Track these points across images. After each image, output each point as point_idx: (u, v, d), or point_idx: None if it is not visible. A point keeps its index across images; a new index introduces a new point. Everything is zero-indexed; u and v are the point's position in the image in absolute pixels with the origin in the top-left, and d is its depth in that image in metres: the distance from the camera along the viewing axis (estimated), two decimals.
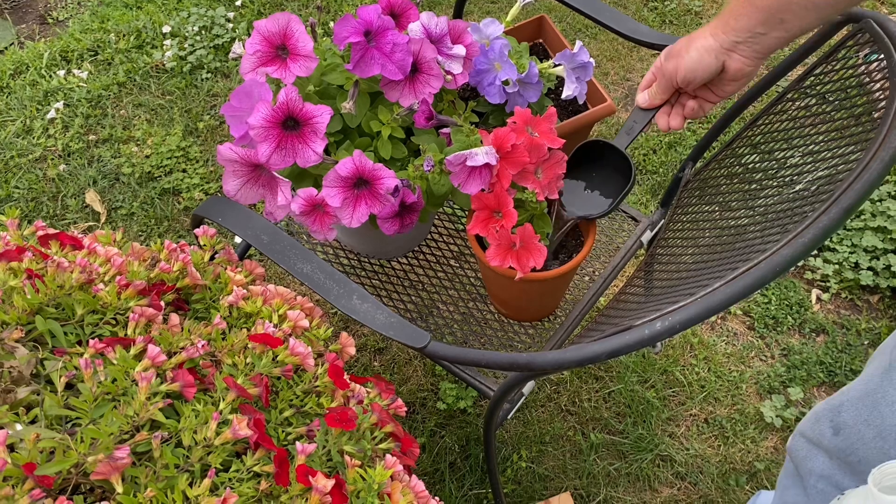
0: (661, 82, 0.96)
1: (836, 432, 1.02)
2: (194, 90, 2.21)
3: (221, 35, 2.32)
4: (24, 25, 2.51)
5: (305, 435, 0.77)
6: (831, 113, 0.98)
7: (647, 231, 1.33)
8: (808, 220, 0.67)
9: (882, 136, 0.71)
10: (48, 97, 2.19)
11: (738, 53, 0.87)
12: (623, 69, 2.25)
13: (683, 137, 2.06)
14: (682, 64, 0.90)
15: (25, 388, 0.68)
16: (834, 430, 1.02)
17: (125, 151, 2.06)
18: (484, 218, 0.98)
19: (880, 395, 0.98)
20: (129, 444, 0.64)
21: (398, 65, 1.00)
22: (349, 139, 1.07)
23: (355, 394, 0.85)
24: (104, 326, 0.78)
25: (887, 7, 2.41)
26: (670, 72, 0.93)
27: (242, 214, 0.97)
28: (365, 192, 0.98)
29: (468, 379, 1.15)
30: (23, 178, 2.00)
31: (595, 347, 0.67)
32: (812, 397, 1.60)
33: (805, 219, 0.68)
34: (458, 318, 1.26)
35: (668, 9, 2.39)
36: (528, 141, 0.96)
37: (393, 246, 1.28)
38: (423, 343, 0.84)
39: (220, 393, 0.74)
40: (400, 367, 1.66)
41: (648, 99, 1.00)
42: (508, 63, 1.06)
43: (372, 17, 0.99)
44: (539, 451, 1.53)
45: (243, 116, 0.97)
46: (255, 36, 0.99)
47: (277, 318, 0.89)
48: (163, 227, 1.91)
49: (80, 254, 0.85)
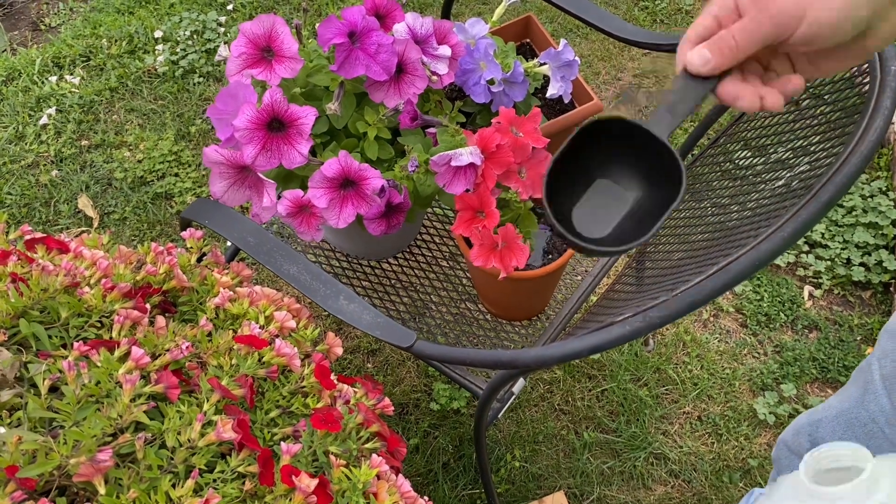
0: (743, 32, 0.56)
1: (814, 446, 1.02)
2: (186, 94, 2.21)
3: (213, 39, 2.33)
4: (17, 32, 2.51)
5: (291, 435, 0.77)
6: (821, 107, 0.98)
7: None
8: (787, 215, 0.68)
9: (860, 129, 0.72)
10: (40, 103, 2.19)
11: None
12: (614, 69, 2.26)
13: (675, 136, 2.07)
14: (811, 14, 0.53)
15: (9, 391, 0.68)
16: (812, 445, 1.02)
17: (117, 156, 2.06)
18: (467, 218, 0.99)
19: (854, 416, 0.99)
20: (113, 446, 0.64)
21: (383, 65, 1.00)
22: (336, 140, 1.07)
23: (342, 394, 0.85)
24: (89, 329, 0.78)
25: None
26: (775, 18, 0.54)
27: (229, 217, 0.98)
28: (351, 192, 0.99)
29: (458, 379, 1.16)
30: (15, 184, 2.00)
31: (576, 344, 0.67)
32: (805, 394, 1.60)
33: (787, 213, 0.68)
34: (451, 319, 1.26)
35: (658, 7, 2.39)
36: (512, 141, 0.97)
37: (382, 246, 1.29)
38: (409, 342, 0.85)
39: (204, 394, 0.74)
40: (393, 369, 1.66)
41: (712, 58, 0.57)
42: (493, 62, 1.07)
43: (356, 18, 0.99)
44: (532, 451, 1.53)
45: (229, 119, 0.98)
46: (240, 38, 0.99)
47: (264, 319, 0.89)
48: (155, 231, 1.91)
49: (66, 257, 0.86)
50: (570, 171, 0.63)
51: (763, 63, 0.60)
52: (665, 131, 0.60)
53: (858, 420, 0.98)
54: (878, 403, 0.98)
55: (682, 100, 0.60)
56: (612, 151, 0.63)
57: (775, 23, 0.54)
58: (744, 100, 0.58)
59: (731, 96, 0.58)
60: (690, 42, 0.59)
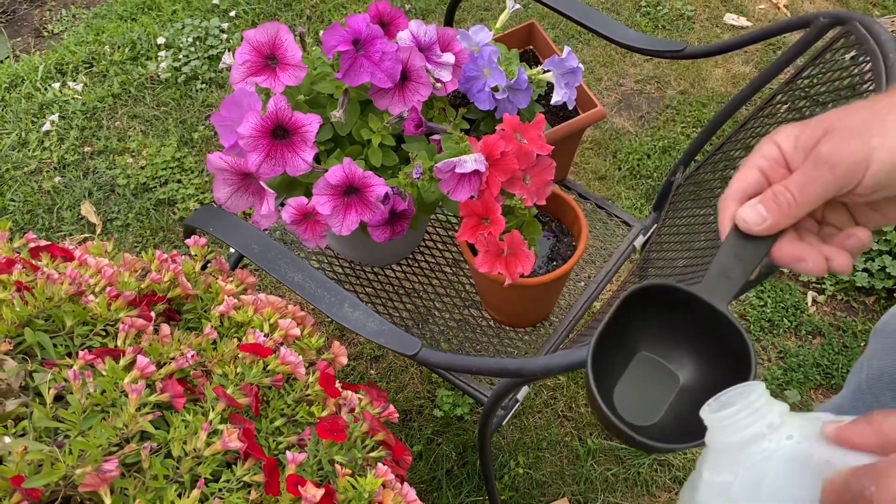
0: (800, 187, 0.50)
1: None
2: (189, 101, 2.21)
3: (216, 46, 2.33)
4: (20, 38, 2.51)
5: (296, 444, 0.77)
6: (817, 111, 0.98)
7: (640, 236, 1.34)
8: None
9: None
10: (43, 110, 2.20)
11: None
12: (616, 74, 2.26)
13: (677, 142, 2.07)
14: (877, 156, 0.47)
15: (14, 400, 0.68)
16: None
17: (120, 163, 2.06)
18: (472, 225, 0.99)
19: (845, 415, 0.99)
20: (118, 456, 0.64)
21: (387, 73, 1.00)
22: (340, 147, 1.07)
23: (347, 402, 0.84)
24: (94, 338, 0.78)
25: (879, 9, 2.42)
26: (836, 169, 0.48)
27: (233, 224, 0.98)
28: (355, 199, 0.99)
29: (462, 386, 1.15)
30: (18, 191, 2.01)
31: (582, 352, 0.67)
32: (809, 400, 1.59)
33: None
34: (454, 325, 1.26)
35: (660, 14, 2.40)
36: (516, 148, 0.96)
37: (386, 253, 1.29)
38: (415, 350, 0.84)
39: (210, 403, 0.74)
40: (396, 375, 1.65)
41: (770, 216, 0.51)
42: (497, 70, 1.07)
43: (360, 25, 0.99)
44: (536, 458, 1.53)
45: (233, 126, 0.98)
46: (244, 46, 0.99)
47: (269, 327, 0.89)
48: (158, 237, 1.91)
49: (71, 265, 0.85)
50: (612, 341, 0.54)
51: (817, 217, 0.53)
52: (723, 300, 0.52)
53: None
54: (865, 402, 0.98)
55: (736, 263, 0.52)
56: (660, 319, 0.55)
57: (837, 174, 0.48)
58: (807, 262, 0.51)
59: (791, 258, 0.51)
60: (735, 198, 0.52)
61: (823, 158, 0.48)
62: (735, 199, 0.52)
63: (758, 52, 2.32)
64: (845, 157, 0.47)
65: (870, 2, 2.44)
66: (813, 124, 0.50)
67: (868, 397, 0.99)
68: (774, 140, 0.52)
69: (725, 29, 2.38)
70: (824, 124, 0.49)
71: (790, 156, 0.51)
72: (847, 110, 0.50)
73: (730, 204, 0.53)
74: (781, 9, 2.43)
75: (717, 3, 2.46)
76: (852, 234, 0.52)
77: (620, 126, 2.13)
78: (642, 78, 2.25)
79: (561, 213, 1.17)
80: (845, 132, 0.48)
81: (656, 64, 2.28)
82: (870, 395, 0.99)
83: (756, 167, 0.52)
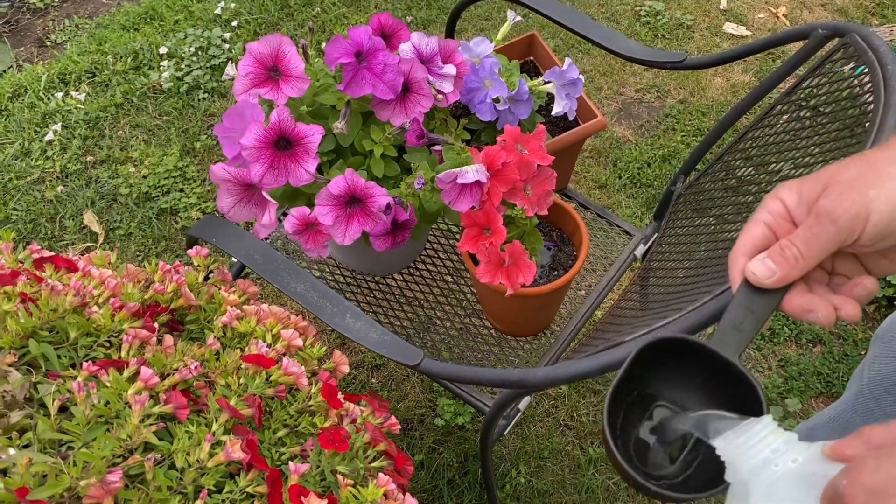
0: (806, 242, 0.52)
1: None
2: (191, 110, 2.22)
3: (218, 55, 2.34)
4: (23, 48, 2.53)
5: (299, 455, 0.77)
6: (826, 125, 0.98)
7: (641, 245, 1.34)
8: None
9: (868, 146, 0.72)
10: (46, 119, 2.21)
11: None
12: (616, 83, 2.27)
13: (678, 150, 2.07)
14: (875, 207, 0.49)
15: (19, 412, 0.68)
16: None
17: (123, 172, 2.07)
18: (474, 235, 0.99)
19: (846, 420, 1.00)
20: (122, 467, 0.64)
21: (389, 85, 1.01)
22: (342, 158, 1.08)
23: (349, 413, 0.85)
24: (98, 349, 0.78)
25: (878, 18, 2.43)
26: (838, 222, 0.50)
27: (235, 234, 0.98)
28: (357, 210, 0.99)
29: (464, 395, 1.16)
30: (21, 200, 2.01)
31: (585, 364, 0.67)
32: (810, 408, 1.60)
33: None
34: (455, 334, 1.26)
35: (660, 23, 2.41)
36: (517, 159, 0.97)
37: (387, 263, 1.29)
38: (416, 361, 0.85)
39: (213, 414, 0.74)
40: (398, 384, 1.66)
41: (779, 270, 0.53)
42: (498, 81, 1.07)
43: (363, 38, 1.00)
44: (538, 467, 1.53)
45: (236, 137, 0.98)
46: (247, 58, 1.00)
47: (271, 337, 0.89)
48: (160, 246, 1.92)
49: (75, 276, 0.86)
50: (626, 391, 0.56)
51: (827, 268, 0.55)
52: (734, 352, 0.54)
53: (851, 424, 0.98)
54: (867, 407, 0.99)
55: (748, 315, 0.54)
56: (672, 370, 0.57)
57: (839, 227, 0.50)
58: (817, 313, 0.52)
59: (801, 310, 0.53)
60: (743, 252, 0.55)
61: (824, 213, 0.50)
62: (744, 254, 0.54)
63: (757, 61, 2.33)
64: (845, 211, 0.49)
65: (868, 10, 2.46)
66: (813, 179, 0.52)
67: (869, 401, 0.99)
68: (778, 196, 0.54)
69: (725, 38, 2.39)
70: (823, 179, 0.51)
71: (794, 210, 0.53)
72: (844, 164, 0.52)
73: (739, 258, 0.54)
74: (781, 18, 2.45)
75: (716, 12, 2.47)
76: (859, 283, 0.54)
77: (620, 135, 2.14)
78: (642, 87, 2.26)
79: (562, 223, 1.17)
80: (843, 186, 0.50)
81: (656, 73, 2.29)
82: (871, 399, 0.99)
83: (762, 222, 0.54)
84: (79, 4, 2.68)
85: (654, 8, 2.45)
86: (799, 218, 0.53)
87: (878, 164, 0.50)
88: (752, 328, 0.53)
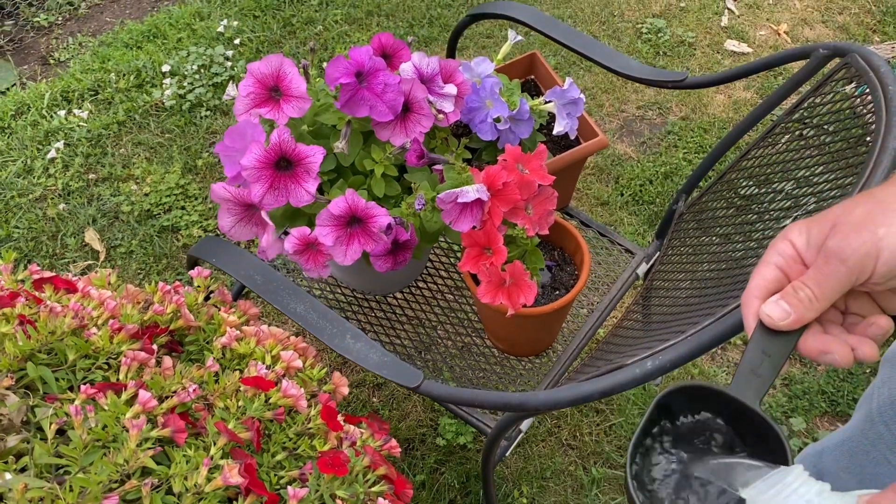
0: (818, 283, 0.51)
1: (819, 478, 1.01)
2: (193, 128, 2.23)
3: (220, 73, 2.35)
4: (27, 66, 2.54)
5: (298, 478, 0.77)
6: (829, 144, 0.98)
7: (643, 263, 1.33)
8: None
9: (868, 169, 0.72)
10: (49, 137, 2.21)
11: None
12: (618, 101, 2.27)
13: (679, 168, 2.07)
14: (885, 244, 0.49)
15: (15, 436, 0.67)
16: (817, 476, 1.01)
17: (124, 190, 2.07)
18: (475, 255, 0.99)
19: (855, 444, 0.98)
20: (119, 493, 0.64)
21: (389, 105, 1.01)
22: (343, 178, 1.08)
23: (348, 435, 0.84)
24: (96, 371, 0.78)
25: (879, 35, 2.44)
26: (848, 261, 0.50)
27: (235, 255, 0.98)
28: (358, 230, 0.99)
29: (465, 416, 1.15)
30: (23, 218, 2.01)
31: (587, 387, 0.67)
32: (814, 427, 1.58)
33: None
34: (456, 354, 1.26)
35: (661, 40, 2.42)
36: (518, 178, 0.97)
37: (388, 282, 1.29)
38: (416, 383, 0.84)
39: (211, 437, 0.73)
40: (399, 403, 1.65)
41: (793, 312, 0.52)
42: (499, 100, 1.07)
43: (363, 58, 1.00)
44: (540, 487, 1.52)
45: (237, 156, 0.98)
46: (248, 78, 1.00)
47: (270, 358, 0.89)
48: (161, 264, 1.92)
49: (74, 297, 0.86)
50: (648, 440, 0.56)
51: (841, 308, 0.55)
52: (754, 398, 0.53)
53: (860, 448, 0.97)
54: (877, 431, 0.98)
55: (764, 359, 0.54)
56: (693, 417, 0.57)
57: (849, 267, 0.49)
58: (834, 354, 0.52)
59: (817, 352, 0.52)
60: (756, 295, 0.54)
61: (833, 253, 0.50)
62: (757, 297, 0.54)
63: (759, 79, 2.33)
64: (854, 251, 0.49)
65: (870, 28, 2.46)
66: (821, 220, 0.52)
67: (879, 426, 0.98)
68: (788, 237, 0.54)
69: (726, 55, 2.40)
70: (831, 219, 0.51)
71: (804, 252, 0.53)
72: (852, 203, 0.51)
73: (753, 301, 0.54)
74: (782, 35, 2.45)
75: (717, 29, 2.48)
76: (873, 323, 0.53)
77: (622, 152, 2.14)
78: (644, 104, 2.26)
79: (563, 242, 1.17)
80: (852, 225, 0.50)
81: (658, 90, 2.29)
82: (881, 423, 0.98)
83: (773, 264, 0.54)
84: (82, 23, 2.70)
85: (655, 25, 2.46)
86: (809, 259, 0.52)
87: (885, 201, 0.50)
88: (771, 373, 0.53)
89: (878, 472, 0.97)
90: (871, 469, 0.95)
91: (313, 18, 2.53)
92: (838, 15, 2.53)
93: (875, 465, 0.97)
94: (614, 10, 2.56)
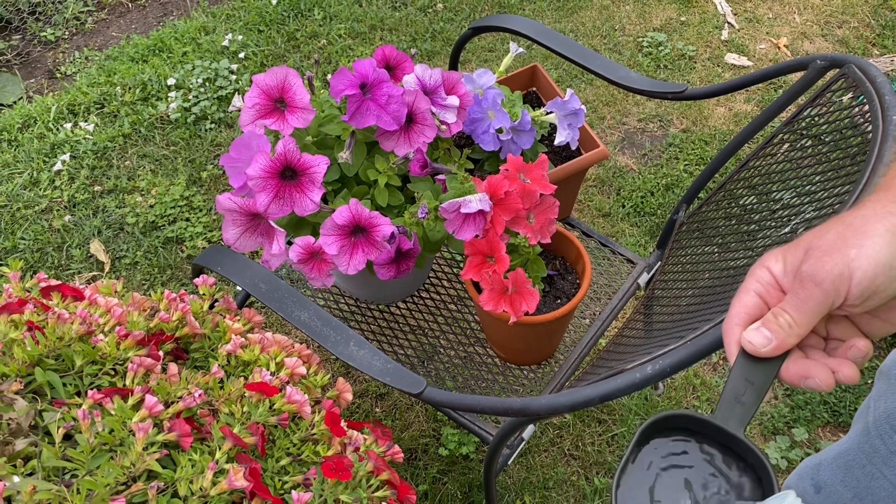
0: (795, 308, 0.52)
1: (817, 490, 1.01)
2: (198, 140, 2.25)
3: (225, 87, 2.37)
4: (33, 80, 2.57)
5: (302, 483, 0.77)
6: (827, 153, 0.99)
7: (644, 273, 1.34)
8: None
9: (865, 177, 0.73)
10: (55, 150, 2.23)
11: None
12: (619, 113, 2.29)
13: (680, 179, 2.09)
14: (857, 265, 0.49)
15: (24, 439, 0.68)
16: (815, 489, 1.02)
17: (130, 201, 2.09)
18: (477, 263, 1.00)
19: (851, 458, 0.99)
20: (126, 495, 0.64)
21: (393, 116, 1.02)
22: (347, 187, 1.09)
23: (352, 441, 0.85)
24: (103, 377, 0.79)
25: (878, 48, 2.45)
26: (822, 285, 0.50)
27: (240, 263, 0.99)
28: (362, 239, 1.00)
29: (467, 424, 1.15)
30: (29, 230, 2.03)
31: (587, 392, 0.68)
32: (817, 437, 1.58)
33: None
34: (459, 363, 1.27)
35: (662, 53, 2.44)
36: (520, 188, 0.98)
37: (391, 291, 1.30)
38: (419, 389, 0.85)
39: (216, 442, 0.74)
40: (402, 413, 1.65)
41: (774, 338, 0.53)
42: (501, 111, 1.09)
43: (367, 70, 1.02)
44: (542, 497, 1.52)
45: (242, 167, 0.99)
46: (253, 90, 1.02)
47: (275, 365, 0.90)
48: (166, 275, 1.93)
49: (81, 305, 0.87)
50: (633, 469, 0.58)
51: (821, 333, 0.56)
52: (738, 426, 0.54)
53: (856, 462, 0.97)
54: (872, 445, 0.98)
55: (748, 386, 0.54)
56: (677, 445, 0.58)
57: (825, 290, 0.50)
58: (815, 379, 0.52)
59: (798, 377, 0.53)
60: (737, 322, 0.55)
61: (808, 277, 0.51)
62: (738, 324, 0.55)
63: (759, 91, 2.35)
64: (827, 273, 0.50)
65: (869, 41, 2.48)
66: (794, 246, 0.53)
67: (875, 440, 0.98)
68: (765, 264, 0.54)
69: (727, 68, 2.42)
70: (804, 244, 0.52)
71: (781, 278, 0.54)
72: (824, 228, 0.52)
73: (734, 329, 0.55)
74: (782, 48, 2.47)
75: (718, 42, 2.50)
76: (853, 345, 0.53)
77: (624, 164, 2.16)
78: (645, 116, 2.28)
79: (565, 251, 1.18)
80: (823, 250, 0.51)
81: (659, 103, 2.31)
82: (876, 437, 0.98)
83: (753, 291, 0.54)
84: (89, 37, 2.73)
85: (656, 39, 2.48)
86: (786, 285, 0.53)
87: (854, 224, 0.51)
88: (754, 400, 0.53)
89: (873, 487, 0.97)
90: (866, 483, 0.95)
91: (317, 33, 2.56)
92: (838, 28, 2.55)
93: (870, 480, 0.97)
94: (615, 24, 2.58)
